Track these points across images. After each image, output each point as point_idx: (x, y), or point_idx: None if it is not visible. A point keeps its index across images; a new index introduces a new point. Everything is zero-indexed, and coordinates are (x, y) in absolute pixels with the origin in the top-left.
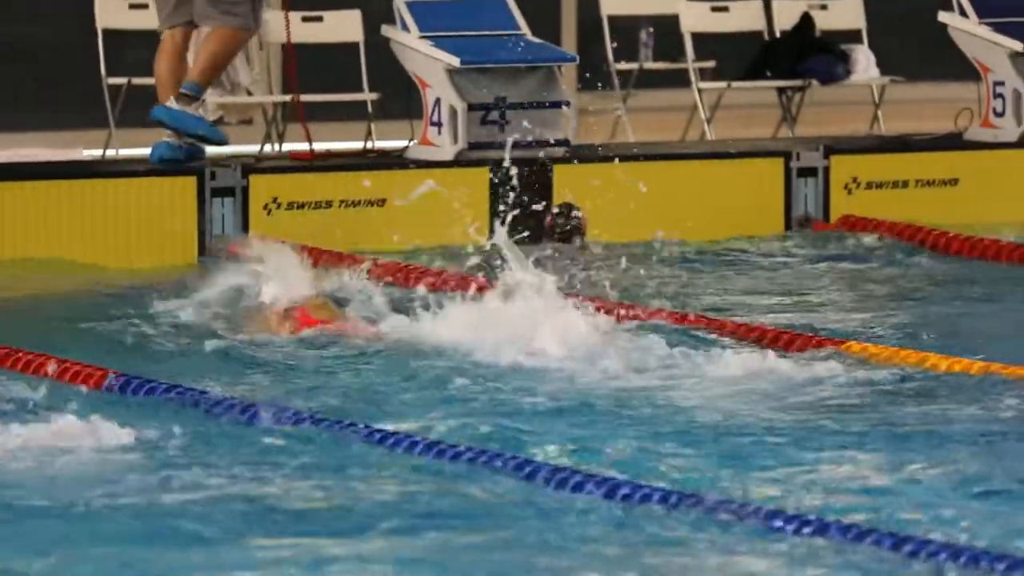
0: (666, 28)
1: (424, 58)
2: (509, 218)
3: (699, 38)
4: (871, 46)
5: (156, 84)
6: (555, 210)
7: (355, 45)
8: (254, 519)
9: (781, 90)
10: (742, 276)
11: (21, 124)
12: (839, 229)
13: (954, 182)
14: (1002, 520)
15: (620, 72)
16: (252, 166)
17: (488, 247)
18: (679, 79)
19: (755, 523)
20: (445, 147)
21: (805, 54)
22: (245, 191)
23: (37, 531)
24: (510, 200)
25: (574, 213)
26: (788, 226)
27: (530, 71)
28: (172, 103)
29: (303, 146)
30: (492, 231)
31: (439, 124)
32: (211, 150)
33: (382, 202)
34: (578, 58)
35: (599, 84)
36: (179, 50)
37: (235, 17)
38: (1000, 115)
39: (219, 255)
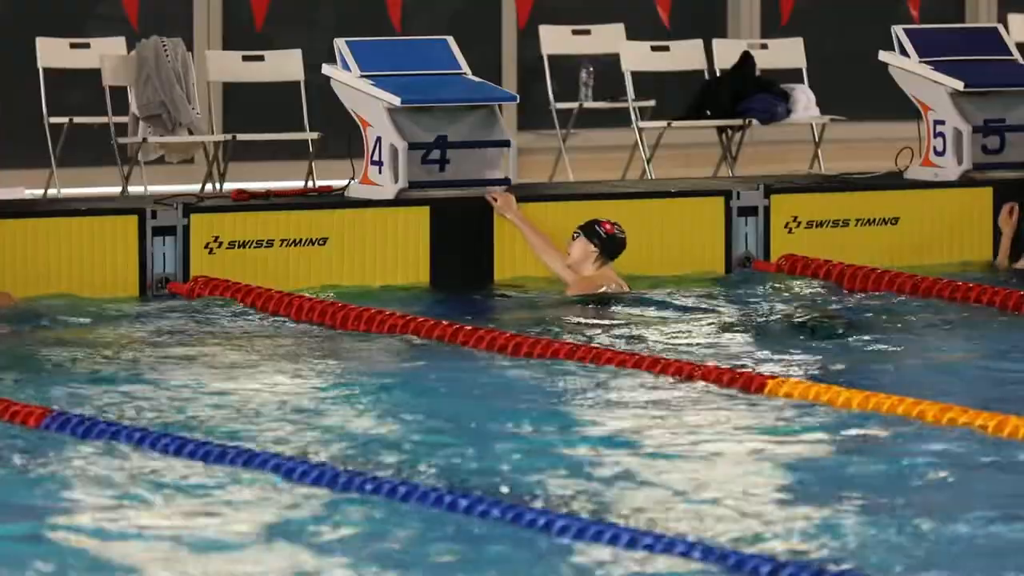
0: (606, 67)
1: (365, 97)
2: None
3: (639, 77)
4: (811, 85)
5: None
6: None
7: (296, 84)
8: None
9: (721, 129)
10: (681, 315)
11: None
12: (779, 268)
13: (894, 221)
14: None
15: (560, 111)
16: (193, 205)
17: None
18: (619, 118)
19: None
20: (386, 186)
21: (745, 93)
22: (186, 230)
23: None
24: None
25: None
26: (729, 265)
27: (471, 110)
28: None
29: (245, 184)
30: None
31: (380, 163)
32: (152, 188)
33: (324, 240)
34: (519, 97)
35: (539, 123)
36: None
37: None
38: (940, 154)
39: (159, 292)
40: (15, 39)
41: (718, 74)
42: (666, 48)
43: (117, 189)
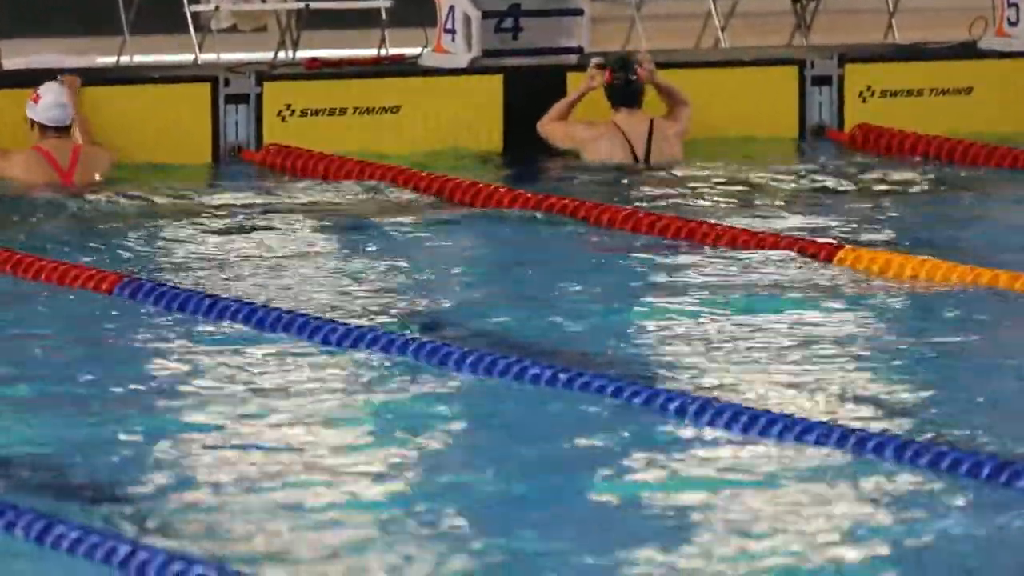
0: None
1: None
2: None
3: None
4: None
5: None
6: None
7: None
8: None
9: None
10: (752, 184)
11: (35, 30)
12: (853, 138)
13: (968, 91)
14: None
15: None
16: (266, 73)
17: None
18: None
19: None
20: (459, 54)
21: None
22: (259, 98)
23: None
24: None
25: (635, 69)
26: (802, 134)
27: None
28: None
29: (317, 53)
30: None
31: (453, 31)
32: (225, 56)
33: (396, 109)
34: None
35: None
36: None
37: None
38: (1014, 24)
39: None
40: None
41: None
42: None
43: (190, 57)
